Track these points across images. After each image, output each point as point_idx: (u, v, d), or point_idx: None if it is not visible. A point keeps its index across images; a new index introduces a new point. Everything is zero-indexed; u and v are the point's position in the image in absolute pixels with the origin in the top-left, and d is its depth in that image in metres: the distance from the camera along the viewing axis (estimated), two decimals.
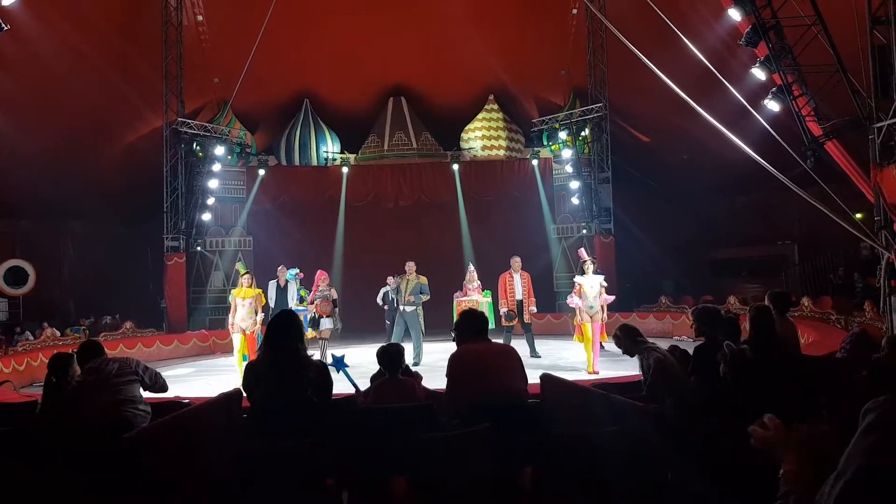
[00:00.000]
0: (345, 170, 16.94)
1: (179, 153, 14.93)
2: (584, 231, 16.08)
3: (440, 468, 3.31)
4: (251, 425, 3.63)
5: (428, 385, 4.53)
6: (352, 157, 17.39)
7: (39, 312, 14.63)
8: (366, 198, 17.07)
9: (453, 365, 4.01)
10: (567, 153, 16.02)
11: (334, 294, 10.59)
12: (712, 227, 17.90)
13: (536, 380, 4.52)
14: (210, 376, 10.58)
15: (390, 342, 4.91)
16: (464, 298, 11.12)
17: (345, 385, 4.93)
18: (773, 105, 9.11)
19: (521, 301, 10.92)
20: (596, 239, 15.56)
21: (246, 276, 9.73)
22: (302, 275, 10.77)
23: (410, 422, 3.74)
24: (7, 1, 9.37)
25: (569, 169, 16.24)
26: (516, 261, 11.12)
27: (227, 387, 4.50)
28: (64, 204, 15.37)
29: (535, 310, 11.22)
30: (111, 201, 16.00)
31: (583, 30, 15.81)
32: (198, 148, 15.13)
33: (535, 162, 17.00)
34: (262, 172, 16.64)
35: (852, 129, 8.22)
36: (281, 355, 3.55)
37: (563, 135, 15.96)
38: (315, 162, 17.26)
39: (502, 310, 10.86)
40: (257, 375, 3.59)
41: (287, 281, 10.58)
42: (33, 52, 11.31)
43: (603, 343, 9.50)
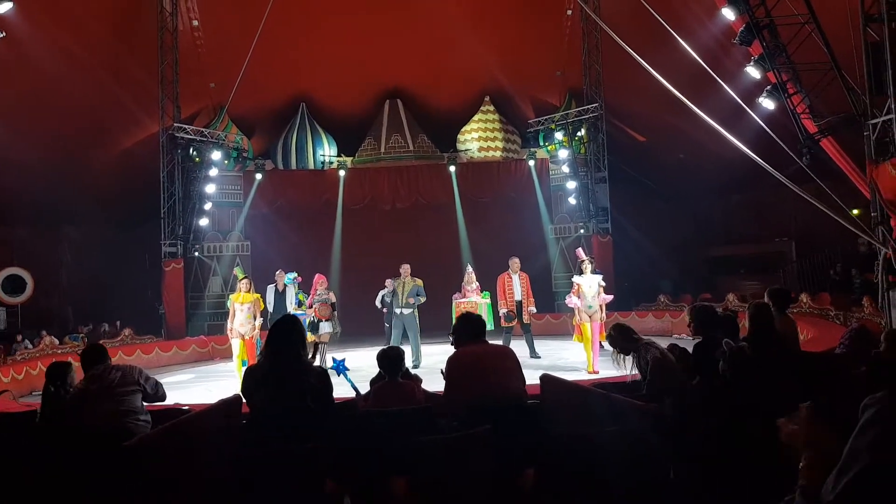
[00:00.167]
0: (342, 173, 16.94)
1: (176, 158, 14.90)
2: (582, 231, 16.09)
3: (441, 470, 3.31)
4: (251, 430, 3.62)
5: (427, 388, 4.53)
6: (348, 161, 17.39)
7: (38, 321, 14.59)
8: (363, 201, 17.08)
9: (451, 367, 4.02)
10: (563, 153, 16.04)
11: (333, 297, 10.58)
12: (710, 226, 17.93)
13: (536, 380, 4.52)
14: (209, 382, 10.55)
15: (390, 345, 4.90)
16: (462, 300, 11.11)
17: (345, 388, 4.93)
18: (768, 103, 9.14)
19: (521, 302, 10.92)
20: (593, 239, 15.57)
21: (244, 281, 9.72)
22: (300, 279, 10.75)
23: (410, 425, 3.74)
24: (3, 8, 9.37)
25: (565, 169, 16.26)
26: (515, 262, 11.12)
27: (227, 393, 4.49)
28: (60, 210, 15.36)
29: (535, 310, 11.22)
30: (108, 207, 15.99)
31: (577, 30, 15.85)
32: (194, 153, 15.11)
33: (532, 163, 17.02)
34: (259, 177, 16.63)
35: (847, 126, 8.24)
36: (282, 360, 3.54)
37: (560, 135, 15.99)
38: (312, 165, 17.26)
39: (502, 311, 10.85)
40: (256, 380, 3.58)
41: (285, 285, 10.57)
42: (27, 57, 11.27)
43: (602, 342, 9.50)
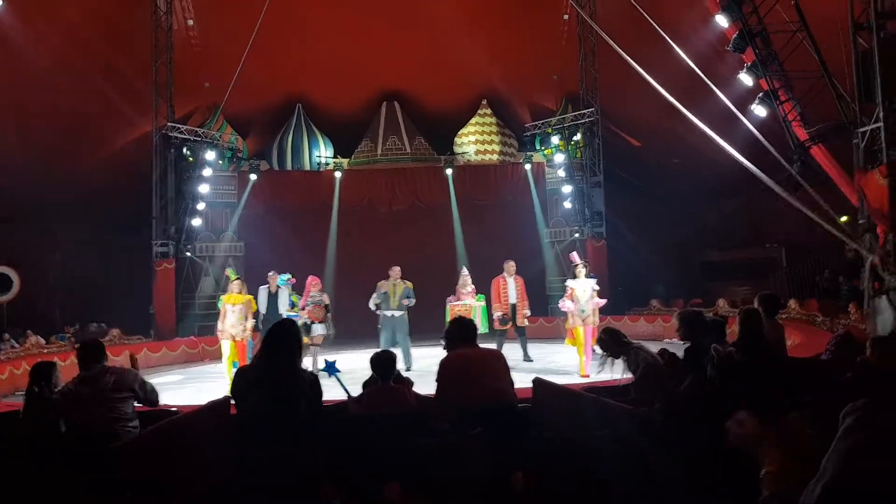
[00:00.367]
0: (338, 174, 16.92)
1: (169, 158, 14.82)
2: (577, 235, 16.15)
3: (433, 473, 3.33)
4: (241, 433, 3.62)
5: (420, 391, 4.54)
6: (345, 162, 17.38)
7: (23, 320, 14.44)
8: (359, 203, 17.07)
9: (443, 370, 4.05)
10: (559, 157, 16.09)
11: (326, 300, 10.52)
12: (702, 231, 18.01)
13: (529, 384, 4.55)
14: (199, 383, 10.50)
15: (382, 349, 4.92)
16: (457, 303, 11.13)
17: (337, 391, 4.93)
18: (761, 110, 9.22)
19: (515, 305, 10.95)
20: (588, 242, 15.63)
21: (236, 282, 9.69)
22: (293, 280, 10.71)
23: (403, 428, 3.75)
24: None
25: (561, 173, 16.31)
26: (510, 265, 11.14)
27: (217, 394, 4.48)
28: (50, 209, 15.23)
29: (529, 313, 11.24)
30: (99, 206, 15.89)
31: (574, 35, 15.92)
32: (188, 152, 15.02)
33: (528, 166, 17.07)
34: (254, 177, 16.57)
35: (837, 134, 8.31)
36: (278, 364, 3.52)
37: (556, 139, 16.03)
38: (308, 167, 17.24)
39: (496, 314, 10.86)
40: (248, 382, 3.56)
41: (278, 287, 10.53)
42: (16, 56, 11.21)
43: (595, 347, 9.54)
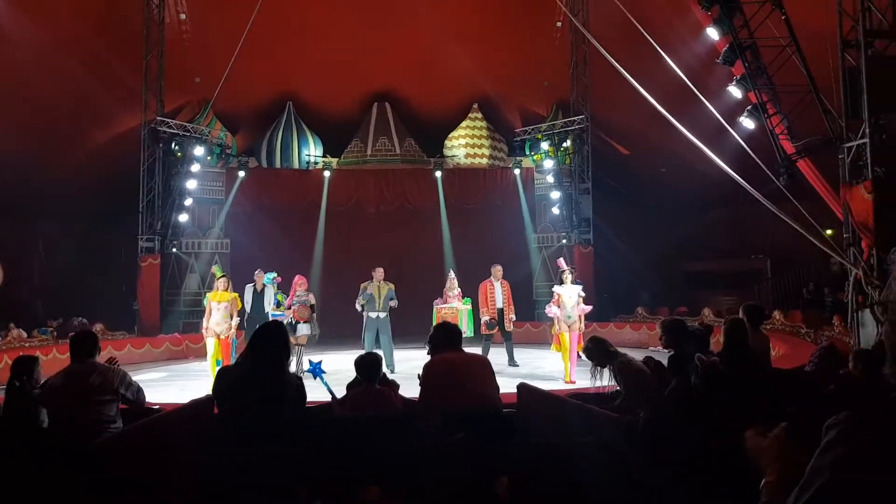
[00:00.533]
0: (326, 174, 16.87)
1: (157, 153, 14.69)
2: (564, 241, 16.20)
3: (415, 477, 3.32)
4: (223, 433, 3.60)
5: (405, 394, 4.54)
6: (334, 162, 17.33)
7: (6, 313, 14.25)
8: (347, 202, 17.02)
9: (427, 374, 4.05)
10: (549, 163, 16.16)
11: (312, 299, 10.49)
12: (689, 240, 18.13)
13: (514, 389, 4.56)
14: (183, 381, 10.43)
15: (368, 351, 4.92)
16: (443, 306, 11.13)
17: (321, 392, 4.92)
18: (749, 122, 9.29)
19: (503, 309, 10.96)
20: (575, 249, 15.69)
21: (222, 280, 9.65)
22: (280, 279, 10.67)
23: (386, 431, 3.75)
24: None
25: (550, 179, 16.37)
26: (497, 269, 11.16)
27: (201, 392, 4.45)
28: (34, 202, 15.07)
29: (514, 318, 11.27)
30: (84, 200, 15.74)
31: (566, 42, 15.98)
32: (176, 148, 14.90)
33: (518, 171, 17.10)
34: (242, 174, 16.47)
35: (823, 149, 8.40)
36: (264, 366, 3.51)
37: (546, 145, 16.09)
38: (297, 165, 17.17)
39: (484, 318, 10.87)
40: (231, 382, 3.54)
41: (264, 285, 10.49)
42: (1, 48, 11.10)
43: (580, 353, 9.57)
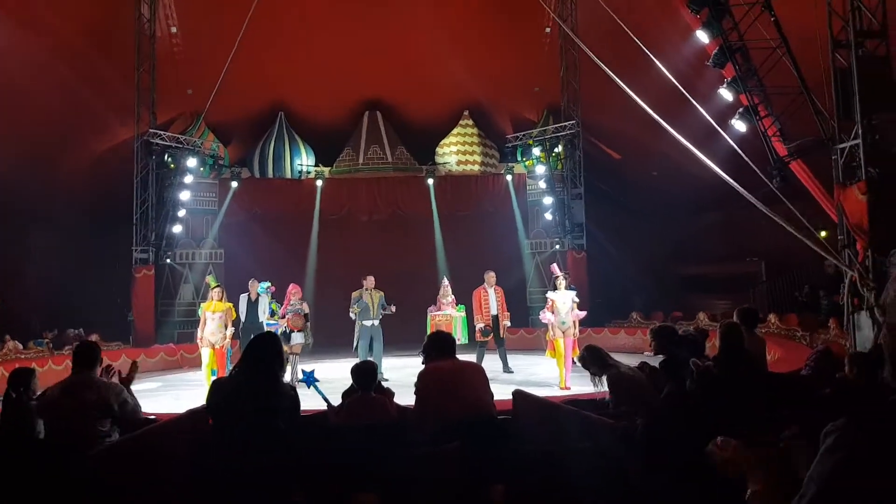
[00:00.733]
0: (319, 183, 16.86)
1: (150, 164, 14.73)
2: (557, 246, 16.21)
3: (411, 485, 3.30)
4: (216, 444, 3.57)
5: (400, 401, 4.51)
6: (326, 171, 17.32)
7: (1, 325, 14.19)
8: (340, 211, 17.01)
9: (421, 382, 4.03)
10: (540, 169, 16.17)
11: (306, 308, 10.46)
12: (682, 244, 18.16)
13: (509, 395, 4.54)
14: (178, 391, 10.40)
15: (364, 360, 4.90)
16: (437, 313, 11.10)
17: (317, 401, 4.89)
18: (740, 125, 9.31)
19: (497, 316, 10.94)
20: (568, 254, 15.69)
21: (216, 290, 9.62)
22: (273, 288, 10.64)
23: (382, 439, 3.73)
24: None
25: (542, 185, 16.37)
26: (491, 276, 11.14)
27: (196, 402, 4.43)
28: (28, 213, 15.04)
29: (509, 324, 11.25)
30: (79, 211, 15.71)
31: (556, 48, 16.04)
32: (169, 159, 14.95)
33: (510, 177, 17.11)
34: (235, 184, 16.46)
35: (816, 150, 8.42)
36: (257, 376, 3.49)
37: (537, 151, 16.12)
38: (289, 175, 17.15)
39: (478, 325, 10.84)
40: (226, 394, 3.52)
41: (258, 294, 10.46)
42: None
43: (575, 359, 9.55)
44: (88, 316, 15.29)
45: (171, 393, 10.22)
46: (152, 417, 4.93)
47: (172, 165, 15.01)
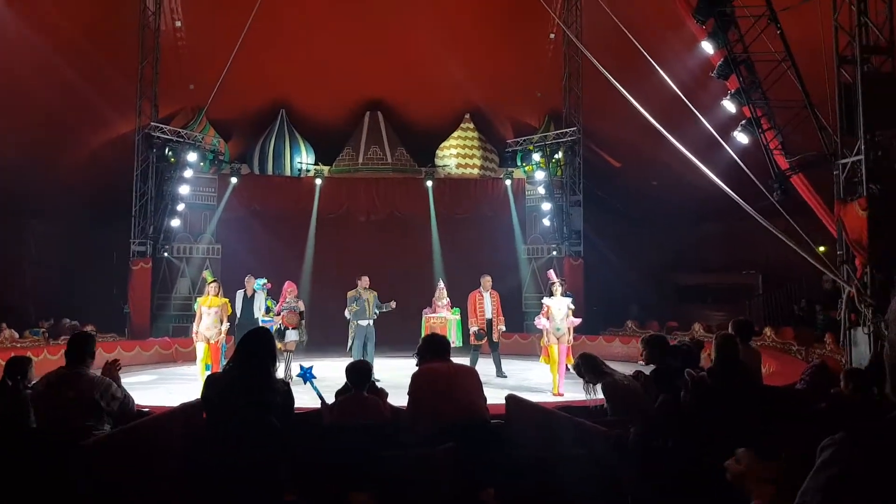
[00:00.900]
0: (318, 181, 16.85)
1: (151, 158, 14.73)
2: (555, 253, 16.20)
3: (403, 486, 3.29)
4: (210, 439, 3.56)
5: (394, 402, 4.50)
6: (326, 169, 17.32)
7: None
8: (338, 210, 17.00)
9: (415, 384, 4.03)
10: (540, 175, 16.17)
11: (301, 306, 10.46)
12: (680, 253, 18.15)
13: (502, 400, 4.53)
14: (171, 385, 10.38)
15: (358, 358, 4.89)
16: (432, 315, 11.10)
17: (310, 396, 4.87)
18: (742, 137, 9.30)
19: (491, 320, 10.93)
20: (565, 261, 15.69)
21: (213, 285, 9.61)
22: (270, 285, 10.64)
23: (374, 439, 3.71)
24: None
25: (541, 190, 16.37)
26: (486, 279, 11.13)
27: (189, 396, 4.41)
28: (27, 203, 15.01)
29: (504, 329, 11.24)
30: (78, 203, 15.68)
31: (559, 54, 16.06)
32: (170, 153, 14.94)
33: (509, 182, 17.12)
34: (235, 180, 16.45)
35: (818, 165, 8.42)
36: (250, 372, 3.49)
37: (537, 157, 16.13)
38: (288, 172, 17.15)
39: (472, 328, 10.83)
40: (220, 389, 3.52)
41: (255, 291, 10.45)
42: None
43: (569, 365, 9.54)
44: (85, 307, 15.30)
45: (165, 386, 10.20)
46: (146, 410, 4.91)
47: (173, 159, 15.01)
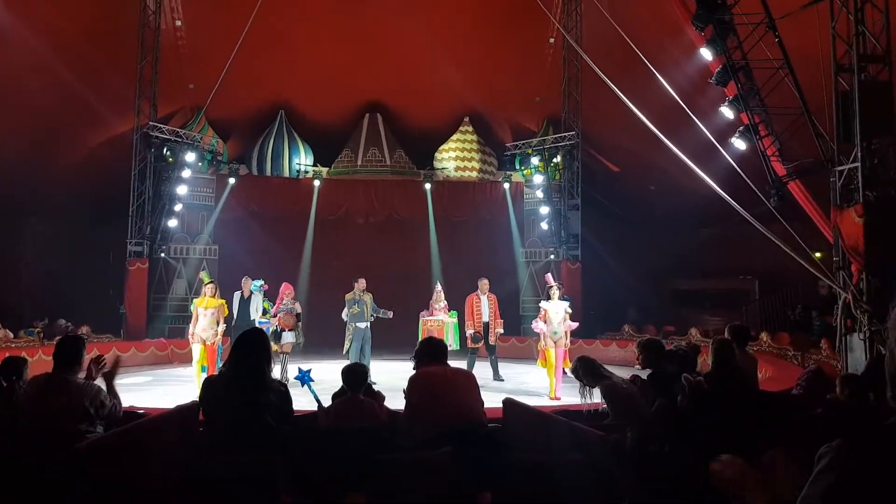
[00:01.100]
0: (316, 183, 16.84)
1: (149, 157, 14.67)
2: (552, 256, 16.22)
3: (399, 489, 3.29)
4: (207, 440, 3.56)
5: (391, 405, 4.50)
6: (324, 171, 17.31)
7: None
8: (336, 212, 16.97)
9: (412, 387, 4.03)
10: (538, 179, 16.19)
11: (298, 308, 10.44)
12: (677, 258, 18.17)
13: (499, 403, 4.53)
14: (167, 386, 10.37)
15: (355, 361, 4.89)
16: (430, 318, 11.10)
17: (307, 399, 4.87)
18: (740, 143, 9.34)
19: (488, 323, 10.93)
20: (563, 265, 15.70)
21: (209, 286, 9.59)
22: (267, 287, 10.62)
23: (371, 442, 3.71)
24: None
25: (539, 194, 16.39)
26: (484, 282, 11.14)
27: (185, 397, 4.40)
28: (22, 202, 14.96)
29: (502, 331, 11.23)
30: (74, 202, 15.64)
31: (559, 59, 16.08)
32: (168, 153, 14.88)
33: (507, 185, 17.14)
34: (233, 181, 16.41)
35: (815, 171, 8.45)
36: (244, 372, 3.49)
37: (536, 160, 16.14)
38: (287, 173, 17.14)
39: (469, 331, 10.84)
40: (217, 391, 3.52)
41: (251, 292, 10.43)
42: None
43: (566, 369, 9.55)
44: (81, 307, 15.25)
45: (160, 388, 10.18)
46: (141, 412, 4.90)
47: (171, 159, 14.94)
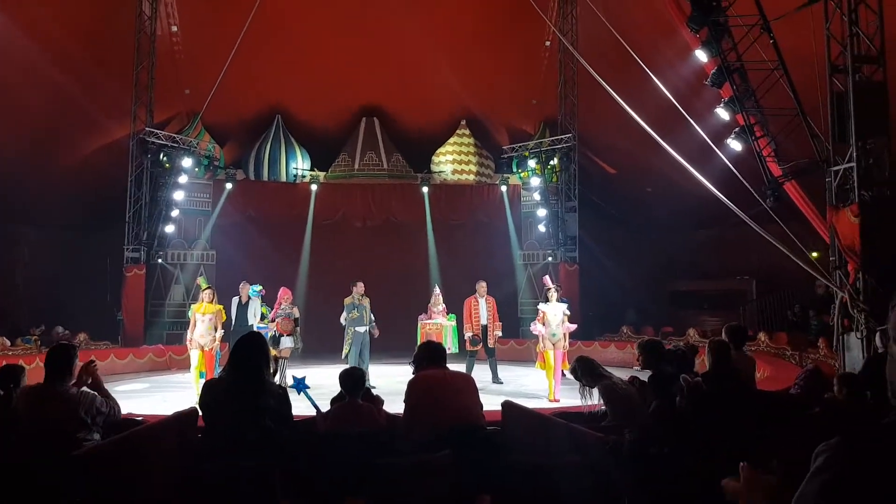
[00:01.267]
0: (314, 187, 16.83)
1: (145, 163, 14.67)
2: (550, 258, 16.24)
3: (398, 493, 3.28)
4: (206, 446, 3.55)
5: (389, 409, 4.50)
6: (321, 175, 17.31)
7: None
8: (334, 216, 16.96)
9: (411, 391, 4.03)
10: (535, 181, 16.22)
11: (296, 313, 10.42)
12: (674, 260, 18.19)
13: (498, 406, 4.53)
14: (165, 392, 10.34)
15: (353, 365, 4.89)
16: (428, 321, 11.09)
17: (305, 405, 4.86)
18: (736, 144, 9.37)
19: (486, 326, 10.93)
20: (561, 267, 15.72)
21: (207, 292, 9.57)
22: (264, 291, 10.60)
23: (370, 446, 3.71)
24: None
25: (537, 197, 16.43)
26: (482, 285, 11.14)
27: (183, 404, 4.39)
28: (18, 209, 14.95)
29: (501, 334, 11.23)
30: (71, 208, 15.62)
31: (555, 62, 16.13)
32: (164, 159, 14.86)
33: (504, 188, 17.15)
34: (230, 186, 16.41)
35: (810, 172, 8.48)
36: (243, 377, 3.49)
37: (533, 163, 16.17)
38: (284, 178, 17.13)
39: (467, 334, 10.83)
40: (216, 395, 3.52)
41: (249, 297, 10.41)
42: None
43: (564, 371, 9.56)
44: (78, 314, 15.21)
45: (159, 394, 10.15)
46: (139, 419, 4.88)
47: (167, 165, 14.92)
